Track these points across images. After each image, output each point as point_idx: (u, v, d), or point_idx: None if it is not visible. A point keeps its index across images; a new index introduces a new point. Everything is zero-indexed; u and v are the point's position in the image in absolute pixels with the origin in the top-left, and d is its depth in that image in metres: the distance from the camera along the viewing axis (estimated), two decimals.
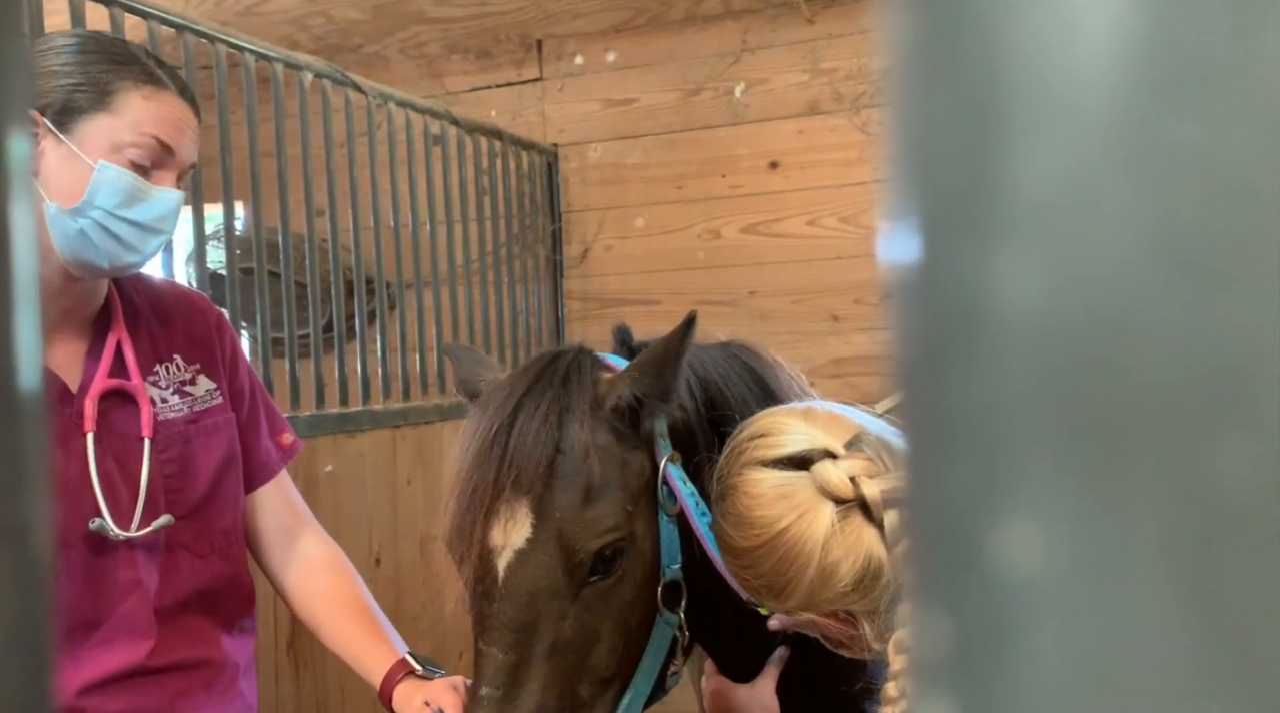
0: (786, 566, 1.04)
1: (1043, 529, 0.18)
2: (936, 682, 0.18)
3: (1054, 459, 0.18)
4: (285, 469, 1.60)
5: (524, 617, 1.13)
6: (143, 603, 1.35)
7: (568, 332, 4.13)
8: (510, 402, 1.17)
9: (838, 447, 1.06)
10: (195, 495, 1.42)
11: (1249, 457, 0.16)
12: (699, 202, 3.95)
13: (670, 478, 1.18)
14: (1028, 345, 0.18)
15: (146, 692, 1.35)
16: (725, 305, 3.92)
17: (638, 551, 1.17)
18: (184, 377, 1.45)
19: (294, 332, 2.73)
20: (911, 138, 0.19)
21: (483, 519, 1.14)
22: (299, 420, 2.67)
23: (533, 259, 3.95)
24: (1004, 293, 0.18)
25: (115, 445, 1.36)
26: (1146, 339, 0.17)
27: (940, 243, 0.18)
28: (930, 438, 0.19)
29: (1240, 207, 0.17)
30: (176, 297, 1.52)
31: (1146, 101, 0.17)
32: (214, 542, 1.44)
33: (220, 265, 3.08)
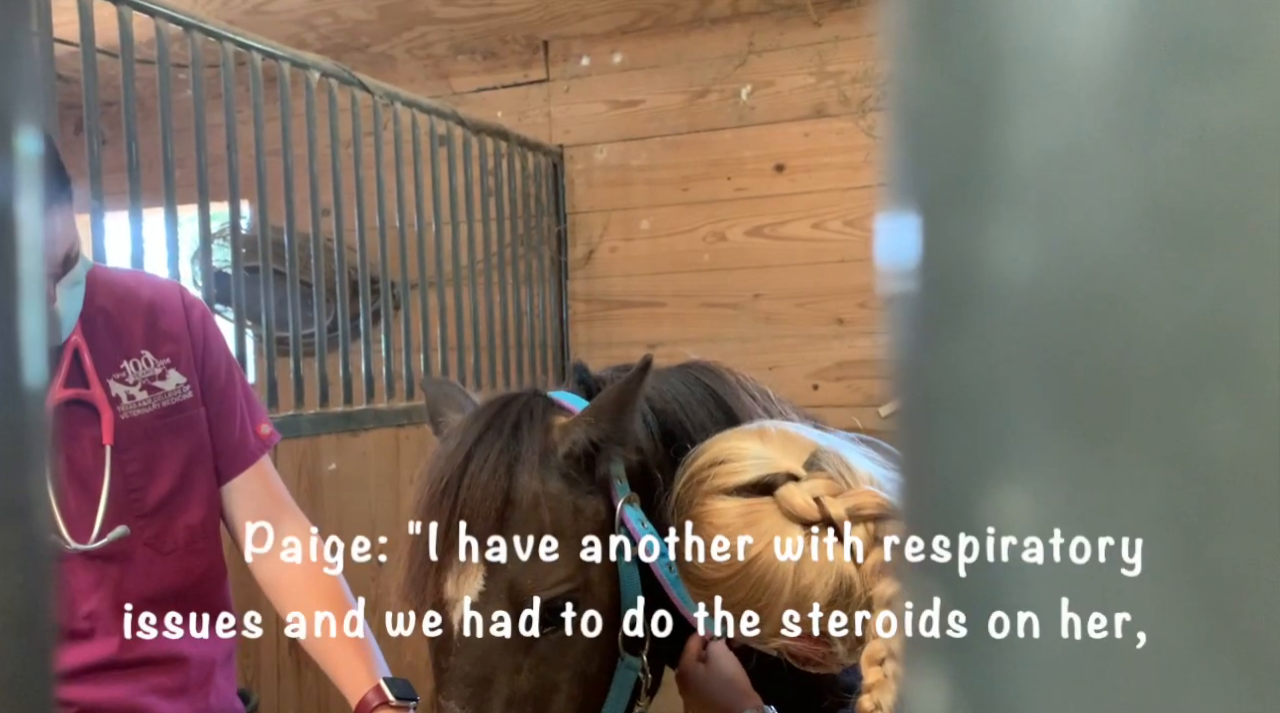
0: (760, 593, 1.04)
1: (1034, 497, 0.18)
2: (927, 655, 0.19)
3: (1046, 426, 0.18)
4: (267, 457, 1.58)
5: (479, 671, 1.13)
6: (103, 604, 1.35)
7: (572, 333, 4.13)
8: (460, 453, 1.16)
9: (797, 468, 1.06)
10: (159, 494, 1.41)
11: (1241, 421, 0.16)
12: (704, 204, 3.95)
13: (628, 521, 1.17)
14: (1022, 313, 0.18)
15: (118, 685, 1.34)
16: (730, 308, 3.92)
17: (594, 597, 1.16)
18: (153, 372, 1.44)
19: (299, 330, 2.74)
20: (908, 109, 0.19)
21: (434, 573, 1.14)
22: (302, 419, 2.67)
23: (537, 260, 3.95)
24: (999, 261, 0.18)
25: (71, 452, 1.36)
26: (1139, 306, 0.17)
27: (935, 213, 0.19)
28: (923, 407, 0.19)
29: (1233, 174, 0.17)
30: (144, 289, 1.50)
31: (1140, 71, 0.17)
32: (179, 539, 1.43)
33: (225, 264, 3.08)
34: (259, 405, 1.61)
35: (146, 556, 1.40)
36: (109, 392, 1.39)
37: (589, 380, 1.33)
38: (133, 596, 1.37)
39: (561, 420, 1.20)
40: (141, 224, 2.21)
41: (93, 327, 1.41)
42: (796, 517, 1.03)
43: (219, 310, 1.74)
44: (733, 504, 1.07)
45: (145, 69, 2.31)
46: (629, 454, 1.20)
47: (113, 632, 1.35)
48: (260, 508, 1.55)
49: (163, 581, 1.41)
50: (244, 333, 2.64)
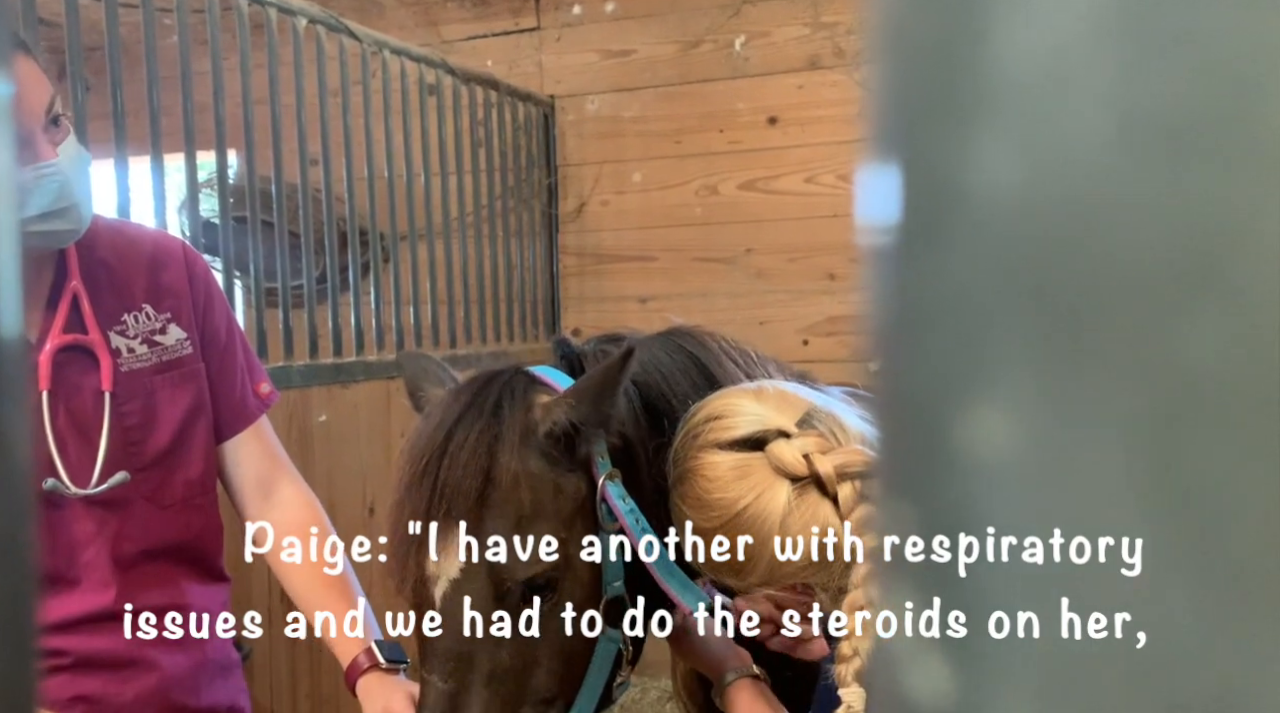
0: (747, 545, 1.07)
1: (1011, 413, 0.18)
2: (902, 573, 0.19)
3: (1024, 342, 0.17)
4: (265, 417, 1.58)
5: (460, 647, 1.14)
6: (102, 554, 1.35)
7: (563, 287, 4.12)
8: (441, 431, 1.16)
9: (790, 426, 1.09)
10: (158, 447, 1.41)
11: (1219, 335, 0.16)
12: (697, 157, 3.92)
13: (609, 497, 1.18)
14: (1003, 227, 0.18)
15: (116, 636, 1.35)
16: (721, 262, 3.91)
17: (575, 575, 1.17)
18: (154, 326, 1.44)
19: (288, 282, 2.72)
20: (890, 20, 0.18)
21: (416, 550, 1.15)
22: (292, 371, 2.67)
23: (528, 213, 3.92)
24: (981, 174, 0.17)
25: (72, 401, 1.35)
26: (1121, 218, 0.17)
27: (918, 125, 0.18)
28: (901, 324, 0.19)
29: (1219, 84, 0.16)
30: (146, 242, 1.49)
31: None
32: (177, 493, 1.43)
33: (213, 214, 3.05)
34: (258, 364, 1.61)
35: (145, 509, 1.40)
36: (109, 343, 1.39)
37: (571, 355, 1.32)
38: (131, 548, 1.38)
39: (543, 399, 1.20)
40: (127, 173, 2.19)
41: (94, 278, 1.40)
42: (786, 472, 1.06)
43: (207, 261, 1.72)
44: (725, 458, 1.09)
45: (129, 14, 2.27)
46: (611, 437, 1.20)
47: (110, 583, 1.35)
48: (258, 468, 1.55)
49: (162, 534, 1.41)
50: (232, 284, 2.62)
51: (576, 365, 1.30)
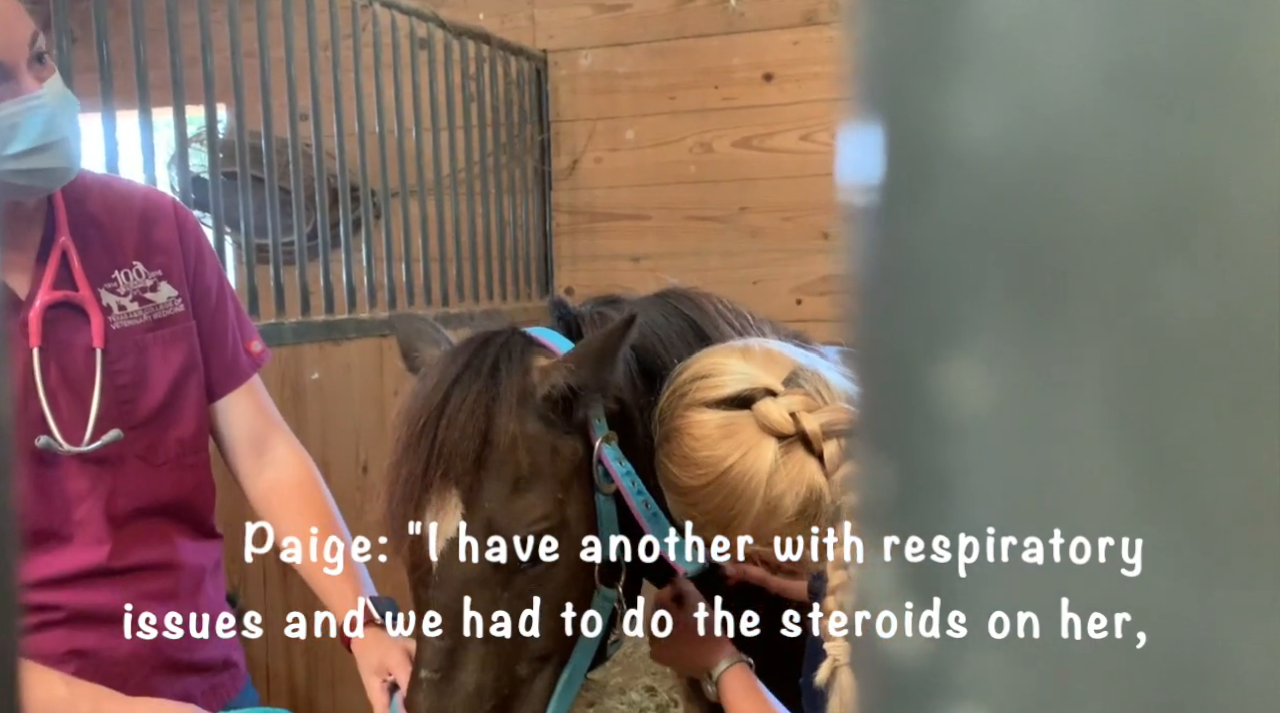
0: (733, 501, 1.08)
1: (987, 367, 0.18)
2: (879, 527, 0.19)
3: (1001, 296, 0.17)
4: (257, 376, 1.58)
5: (457, 604, 1.15)
6: (96, 511, 1.35)
7: (555, 246, 4.10)
8: (439, 392, 1.17)
9: (776, 384, 1.09)
10: (150, 406, 1.40)
11: (1196, 289, 0.16)
12: (691, 113, 3.89)
13: (605, 459, 1.19)
14: (981, 180, 0.18)
15: (109, 591, 1.36)
16: (716, 221, 3.90)
17: (570, 535, 1.18)
18: (145, 284, 1.43)
19: (278, 238, 2.71)
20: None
21: (414, 509, 1.16)
22: (284, 328, 2.66)
23: (520, 170, 3.90)
24: (960, 126, 0.17)
25: (63, 359, 1.34)
26: (1100, 171, 0.17)
27: (900, 79, 0.18)
28: (880, 277, 0.19)
29: (1202, 36, 0.16)
30: (136, 198, 1.47)
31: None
32: (170, 452, 1.43)
33: (203, 169, 3.03)
34: (249, 323, 1.60)
35: (139, 467, 1.40)
36: (100, 301, 1.38)
37: (568, 317, 1.32)
38: (125, 505, 1.38)
39: (541, 362, 1.20)
40: (115, 127, 2.16)
41: (84, 235, 1.38)
42: (772, 430, 1.07)
43: (197, 217, 1.70)
44: (712, 416, 1.10)
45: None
46: (609, 402, 1.21)
47: (104, 540, 1.36)
48: (251, 426, 1.55)
49: (155, 492, 1.41)
50: (223, 240, 2.61)
51: (574, 328, 1.30)
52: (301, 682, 2.75)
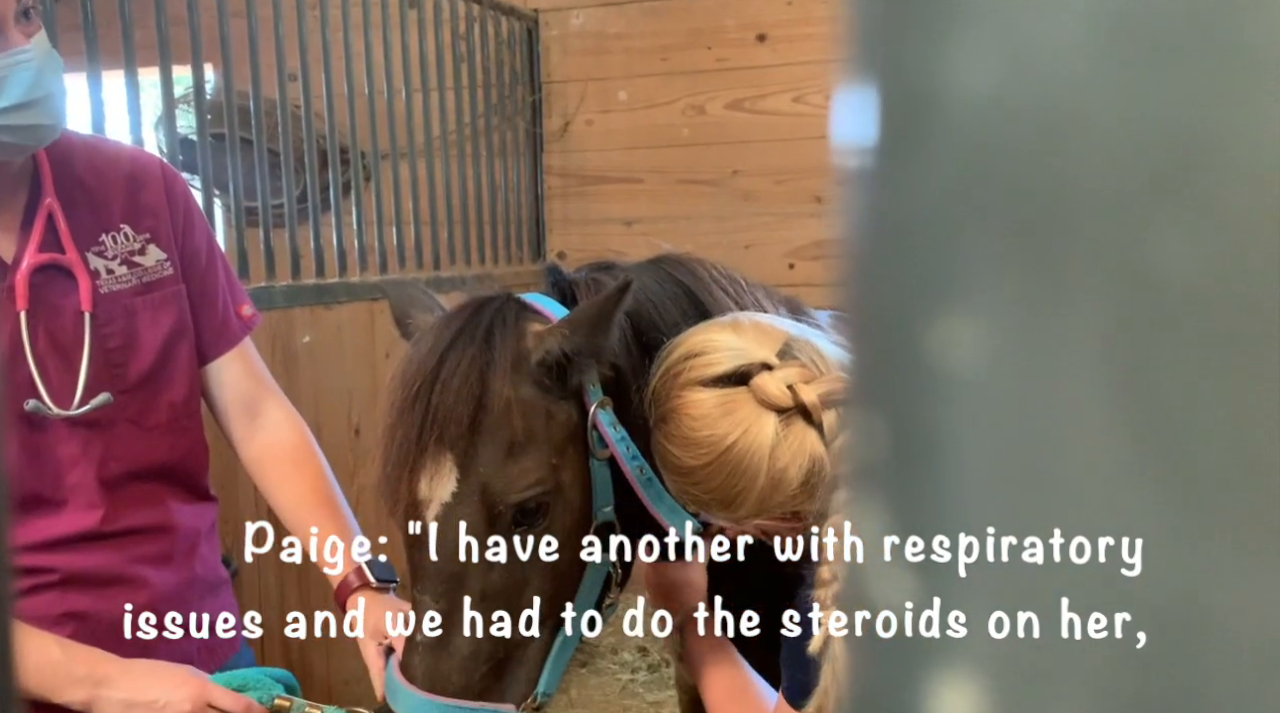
0: (737, 479, 1.08)
1: (981, 327, 0.17)
2: (871, 486, 0.19)
3: (996, 253, 0.17)
4: (249, 339, 1.57)
5: (452, 568, 1.16)
6: (89, 475, 1.34)
7: (547, 209, 4.08)
8: (433, 358, 1.17)
9: (771, 357, 1.09)
10: (140, 370, 1.39)
11: (1190, 245, 0.16)
12: (683, 75, 3.85)
13: (600, 425, 1.19)
14: (975, 138, 0.17)
15: (104, 554, 1.36)
16: (707, 184, 3.88)
17: (565, 500, 1.19)
18: (133, 247, 1.41)
19: (268, 201, 2.69)
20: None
21: (408, 474, 1.16)
22: (274, 291, 2.65)
23: (511, 132, 3.86)
24: (955, 83, 0.17)
25: (52, 322, 1.33)
26: (1095, 125, 0.17)
27: (891, 34, 0.18)
28: (873, 238, 0.19)
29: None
30: (124, 162, 1.45)
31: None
32: (162, 416, 1.42)
33: (190, 130, 3.00)
34: (239, 286, 1.59)
35: (130, 432, 1.39)
36: (87, 264, 1.36)
37: (563, 283, 1.32)
38: (117, 469, 1.37)
39: (536, 328, 1.21)
40: (100, 87, 2.13)
41: (70, 197, 1.37)
42: (771, 404, 1.06)
43: (185, 179, 1.67)
44: (709, 395, 1.09)
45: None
46: (604, 369, 1.21)
47: (96, 504, 1.35)
48: (243, 389, 1.54)
49: (148, 457, 1.41)
50: (211, 203, 2.59)
51: (568, 293, 1.30)
52: (295, 644, 2.77)
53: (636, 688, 3.55)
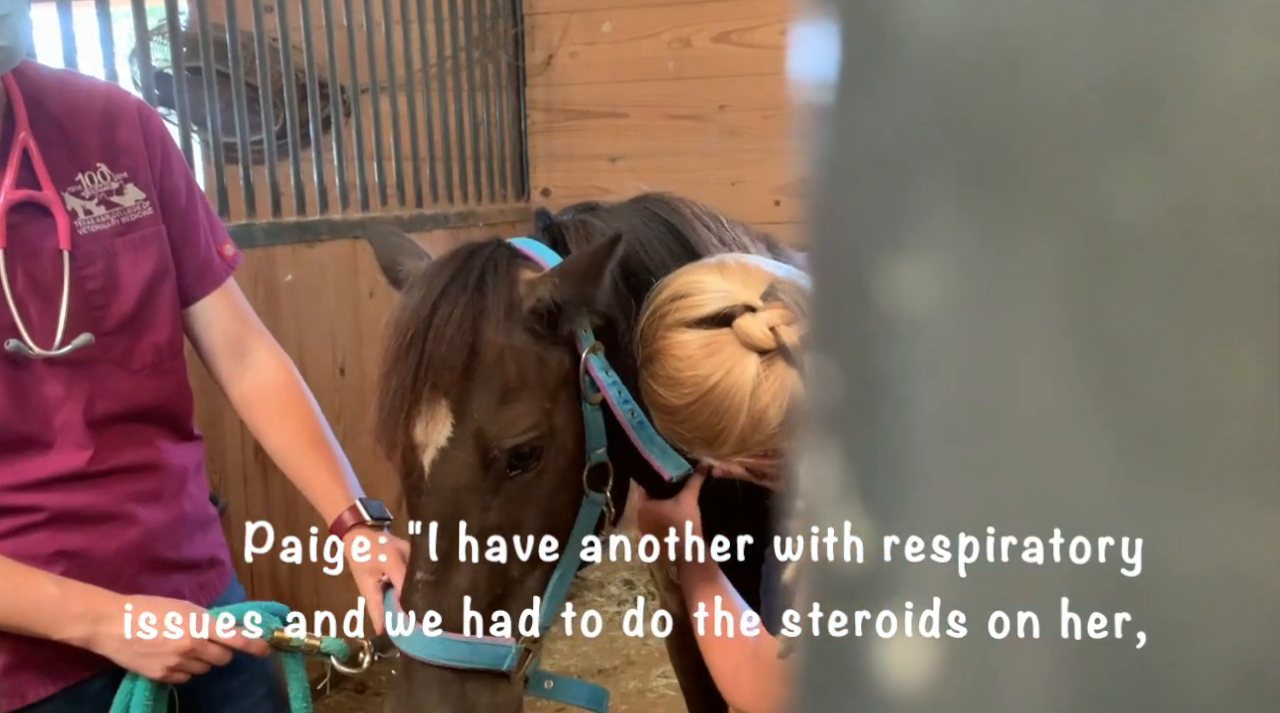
0: (719, 418, 1.10)
1: (934, 266, 0.17)
2: (824, 430, 0.19)
3: (950, 192, 0.17)
4: (232, 278, 1.56)
5: (449, 510, 1.19)
6: (76, 416, 1.34)
7: (531, 144, 4.03)
8: (426, 306, 1.18)
9: (755, 299, 1.10)
10: (122, 312, 1.38)
11: (1146, 181, 0.16)
12: (669, 6, 3.78)
13: (592, 369, 1.21)
14: (933, 73, 0.17)
15: (93, 493, 1.36)
16: (694, 119, 3.83)
17: (559, 444, 1.21)
18: (110, 187, 1.38)
19: (246, 137, 2.64)
20: None
21: (404, 419, 1.18)
22: (255, 229, 2.62)
23: (494, 65, 3.80)
24: (915, 16, 0.17)
25: (31, 263, 1.31)
26: (1054, 59, 0.16)
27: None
28: (830, 175, 0.18)
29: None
30: (99, 98, 1.41)
31: None
32: (146, 358, 1.41)
33: (165, 63, 2.93)
34: (220, 225, 1.57)
35: (116, 373, 1.38)
36: (65, 204, 1.34)
37: (552, 227, 1.33)
38: (104, 410, 1.37)
39: (527, 275, 1.22)
40: (71, 18, 2.08)
41: (45, 135, 1.34)
42: (754, 345, 1.08)
43: (161, 114, 1.62)
44: (694, 336, 1.11)
45: None
46: (594, 318, 1.22)
47: (85, 445, 1.35)
48: (228, 329, 1.54)
49: (134, 398, 1.40)
50: (189, 139, 2.54)
51: (558, 238, 1.32)
52: (285, 580, 2.80)
53: (623, 621, 3.61)
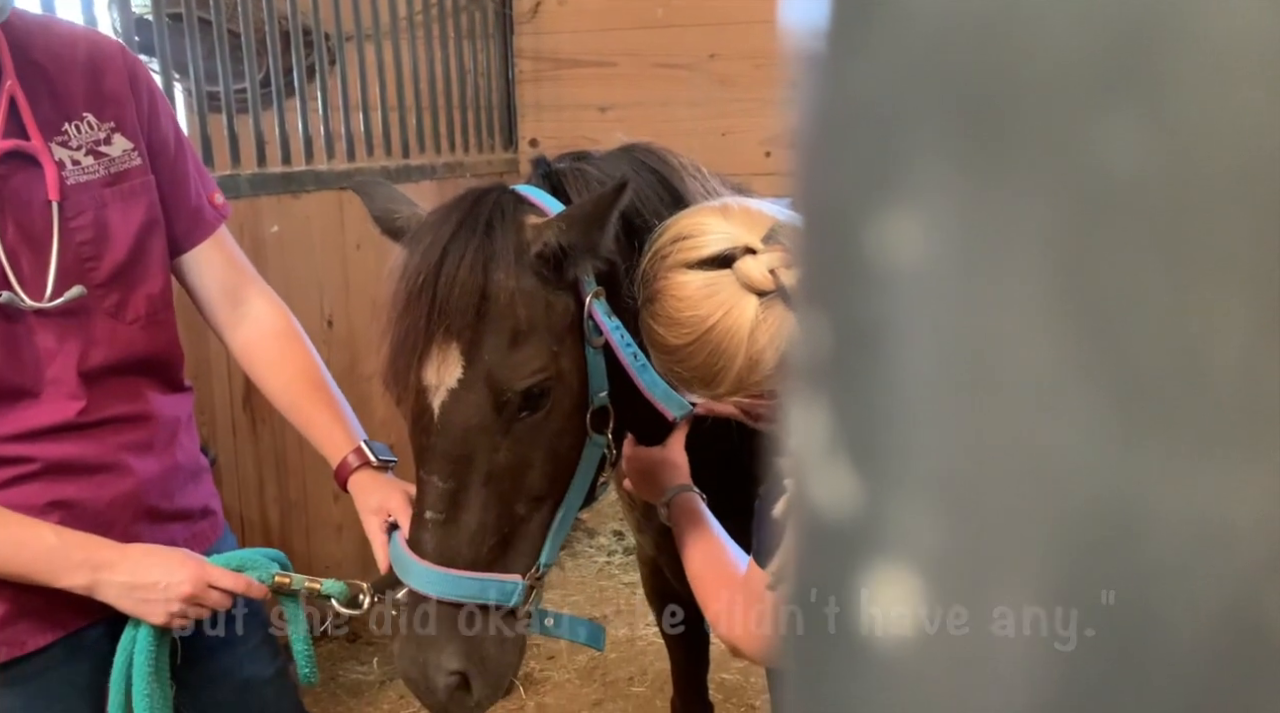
0: (717, 358, 1.12)
1: (923, 219, 0.17)
2: (811, 384, 0.19)
3: (942, 143, 0.17)
4: (224, 227, 1.55)
5: (459, 450, 1.22)
6: (67, 368, 1.34)
7: (519, 93, 3.98)
8: (435, 250, 1.20)
9: (756, 242, 1.11)
10: (114, 263, 1.37)
11: (1138, 136, 0.16)
12: None
13: (595, 314, 1.24)
14: (926, 20, 0.17)
15: (86, 444, 1.36)
16: (683, 68, 3.79)
17: (565, 386, 1.25)
18: (97, 137, 1.36)
19: (230, 85, 2.60)
20: None
21: (416, 362, 1.21)
22: (240, 179, 2.59)
23: (480, 12, 3.74)
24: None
25: (20, 214, 1.29)
26: (1047, 11, 0.16)
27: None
28: (819, 123, 0.18)
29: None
30: (82, 45, 1.38)
31: None
32: (140, 309, 1.40)
33: (146, 9, 2.87)
34: (208, 174, 1.55)
35: (109, 325, 1.38)
36: (53, 155, 1.32)
37: (551, 174, 1.36)
38: (97, 362, 1.37)
39: (533, 220, 1.24)
40: None
41: (30, 83, 1.31)
42: (753, 287, 1.09)
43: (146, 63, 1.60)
44: (694, 277, 1.13)
45: None
46: (598, 263, 1.25)
47: (77, 396, 1.35)
48: (223, 277, 1.53)
49: (128, 349, 1.40)
50: (172, 87, 2.50)
51: (556, 184, 1.34)
52: (276, 530, 2.82)
53: (613, 570, 3.65)
